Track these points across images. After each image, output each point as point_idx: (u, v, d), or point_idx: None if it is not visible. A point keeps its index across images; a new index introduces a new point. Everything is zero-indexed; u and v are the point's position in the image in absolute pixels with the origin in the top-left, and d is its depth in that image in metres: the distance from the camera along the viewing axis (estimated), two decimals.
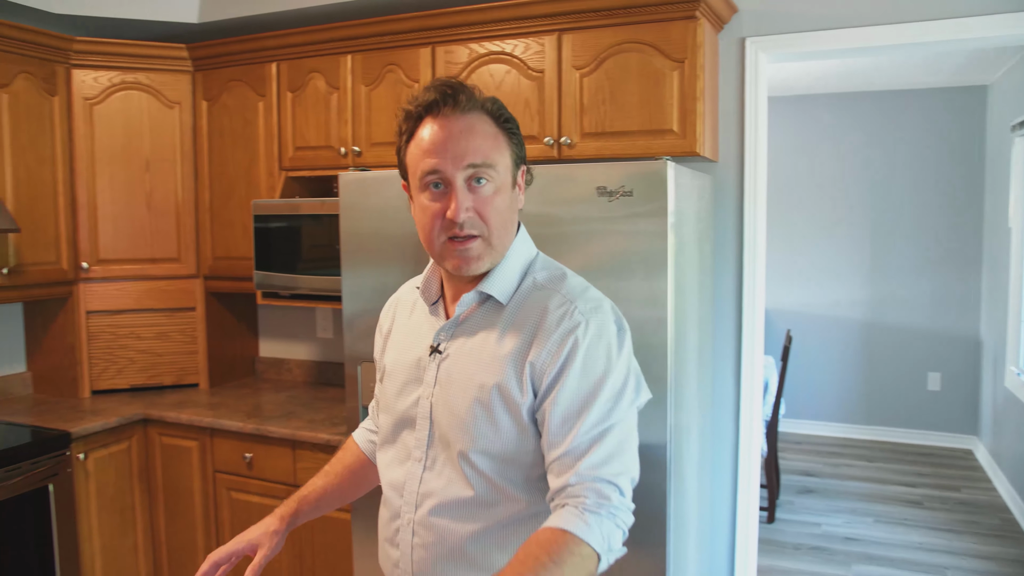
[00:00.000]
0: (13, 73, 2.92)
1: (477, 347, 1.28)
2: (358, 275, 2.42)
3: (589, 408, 1.20)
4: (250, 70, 3.13)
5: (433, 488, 1.28)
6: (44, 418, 2.92)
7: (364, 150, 2.91)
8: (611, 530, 1.16)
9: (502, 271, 1.30)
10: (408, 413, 1.33)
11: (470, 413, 1.25)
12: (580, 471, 1.17)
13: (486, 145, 1.24)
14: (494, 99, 1.28)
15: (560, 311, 1.25)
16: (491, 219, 1.25)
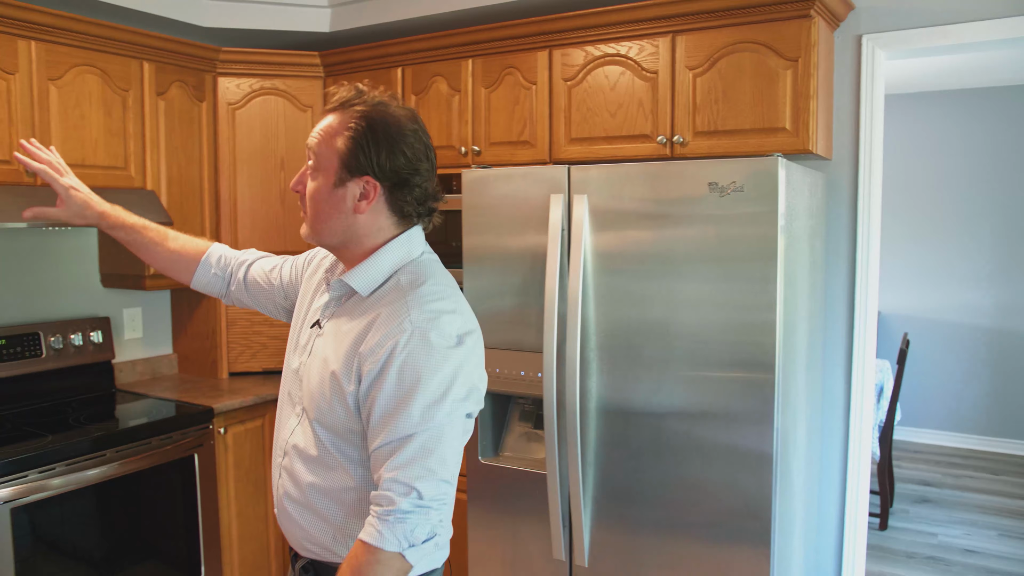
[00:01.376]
0: (169, 82, 3.22)
1: (337, 332, 1.44)
2: (479, 267, 2.56)
3: (399, 414, 1.31)
4: (377, 75, 3.34)
5: (297, 441, 1.48)
6: (189, 395, 3.20)
7: (483, 149, 3.06)
8: (407, 531, 1.28)
9: (366, 267, 1.44)
10: (296, 371, 1.53)
11: (319, 388, 1.43)
12: (382, 474, 1.31)
13: (320, 137, 1.41)
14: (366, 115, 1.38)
15: (395, 316, 1.35)
16: (307, 201, 1.44)
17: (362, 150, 1.37)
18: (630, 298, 2.31)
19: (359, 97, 1.40)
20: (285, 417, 1.54)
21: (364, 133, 1.37)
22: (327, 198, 1.40)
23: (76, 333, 3.17)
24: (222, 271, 1.80)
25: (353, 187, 1.39)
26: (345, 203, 1.40)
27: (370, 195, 1.40)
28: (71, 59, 2.87)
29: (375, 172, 1.38)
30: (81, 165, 2.90)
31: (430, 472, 1.30)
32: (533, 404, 2.58)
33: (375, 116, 1.38)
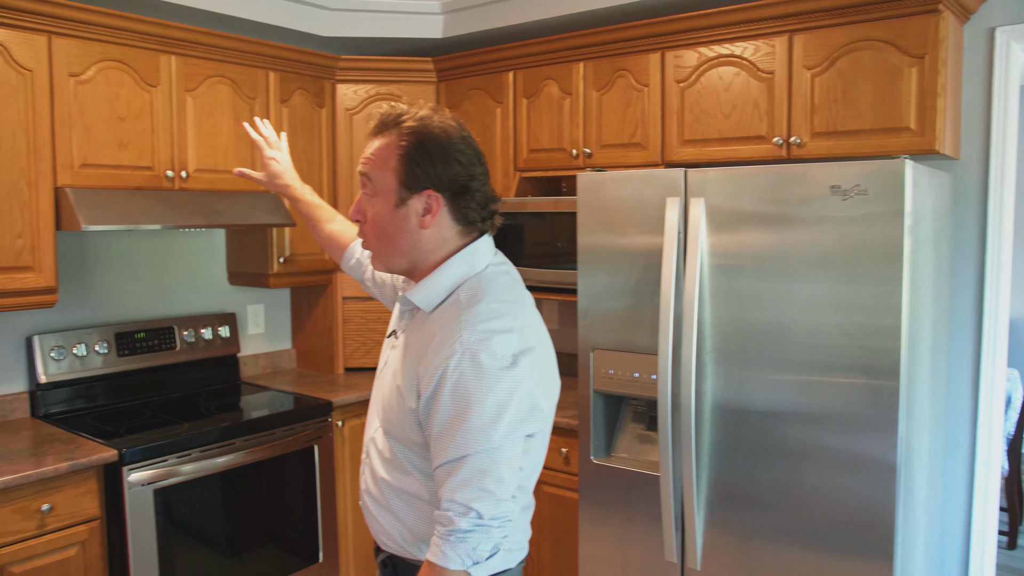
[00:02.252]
0: (292, 90, 3.38)
1: (407, 345, 1.47)
2: (592, 269, 2.58)
3: (453, 435, 1.31)
4: (489, 79, 3.40)
5: (377, 441, 1.54)
6: (308, 389, 3.35)
7: (595, 151, 3.08)
8: (469, 549, 1.29)
9: (429, 283, 1.45)
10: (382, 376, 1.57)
11: (388, 398, 1.48)
12: (443, 493, 1.33)
13: (372, 162, 1.43)
14: (415, 130, 1.40)
15: (448, 336, 1.35)
16: (370, 227, 1.45)
17: (418, 164, 1.38)
18: (746, 300, 2.29)
19: (402, 115, 1.42)
20: (371, 417, 1.59)
21: (416, 147, 1.39)
22: (391, 220, 1.42)
23: (206, 328, 3.37)
24: (364, 260, 1.92)
25: (415, 203, 1.40)
26: (409, 221, 1.41)
27: (433, 208, 1.41)
28: (205, 71, 3.05)
29: (434, 184, 1.39)
30: (213, 170, 3.08)
31: (488, 493, 1.30)
32: (646, 405, 2.59)
33: (423, 130, 1.40)
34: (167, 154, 2.94)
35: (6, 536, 2.28)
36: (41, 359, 2.89)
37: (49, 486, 2.36)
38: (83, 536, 2.45)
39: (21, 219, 2.58)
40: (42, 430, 2.75)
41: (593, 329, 2.58)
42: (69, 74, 2.68)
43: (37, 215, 2.61)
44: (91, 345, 3.01)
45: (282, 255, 3.35)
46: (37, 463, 2.37)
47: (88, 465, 2.43)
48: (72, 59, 2.68)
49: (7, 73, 2.53)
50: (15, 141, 2.55)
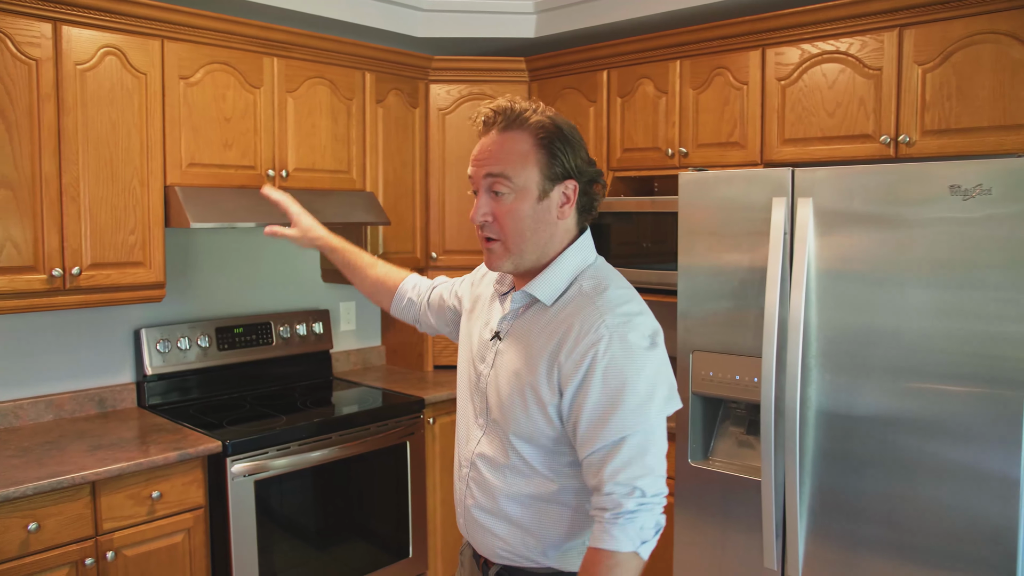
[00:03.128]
0: (387, 90, 3.43)
1: (523, 342, 1.45)
2: (693, 269, 2.54)
3: (610, 417, 1.33)
4: (582, 78, 3.39)
5: (485, 451, 1.50)
6: (398, 385, 3.39)
7: (691, 151, 3.03)
8: (637, 529, 1.30)
9: (549, 275, 1.45)
10: (476, 384, 1.54)
11: (510, 400, 1.44)
12: (603, 478, 1.33)
13: (508, 159, 1.40)
14: (545, 124, 1.41)
15: (589, 322, 1.36)
16: (507, 226, 1.41)
17: (558, 155, 1.41)
18: (856, 304, 2.22)
19: (525, 111, 1.42)
20: (468, 430, 1.56)
21: (555, 139, 1.41)
22: (533, 214, 1.42)
23: (301, 324, 3.44)
24: (416, 298, 1.89)
25: (556, 194, 1.42)
26: (550, 213, 1.43)
27: (571, 198, 1.44)
28: (305, 72, 3.12)
29: (573, 173, 1.43)
30: (311, 169, 3.15)
31: (649, 470, 1.33)
32: (746, 409, 2.53)
33: (554, 122, 1.42)
34: (268, 153, 3.02)
35: (120, 520, 2.38)
36: (148, 352, 3.00)
37: (159, 474, 2.45)
38: (188, 523, 2.53)
39: (134, 216, 2.68)
40: (148, 420, 2.85)
41: (693, 331, 2.54)
42: (179, 77, 2.77)
43: (148, 213, 2.71)
44: (193, 339, 3.11)
45: (376, 252, 3.40)
46: (147, 452, 2.46)
47: (195, 455, 2.51)
48: (183, 62, 2.77)
49: (123, 77, 2.63)
50: (130, 142, 2.65)
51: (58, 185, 2.51)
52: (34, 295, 2.49)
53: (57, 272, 2.51)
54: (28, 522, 2.20)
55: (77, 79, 2.53)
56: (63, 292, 2.55)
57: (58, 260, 2.52)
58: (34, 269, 2.48)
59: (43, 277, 2.50)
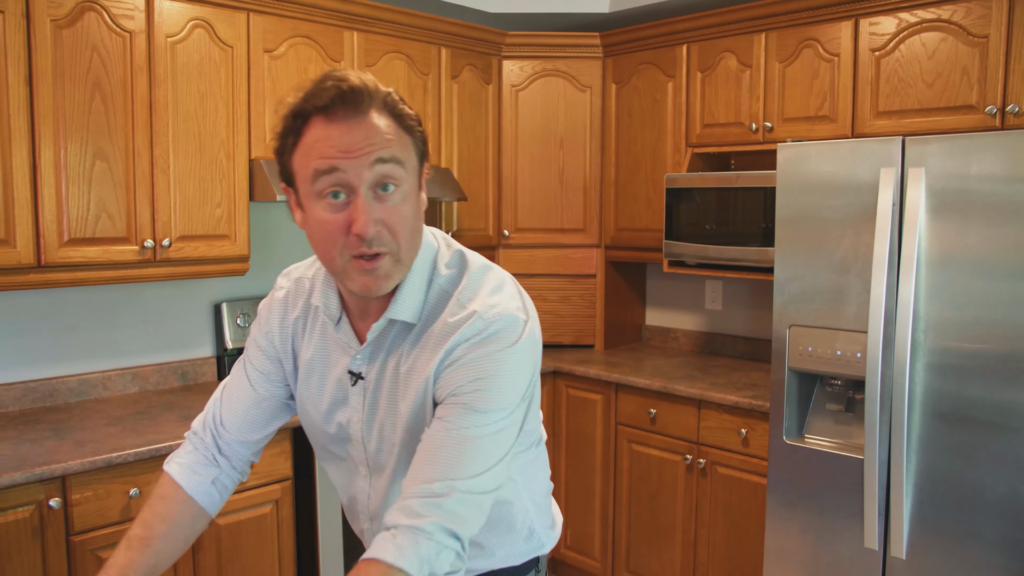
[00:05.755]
0: (461, 66, 3.40)
1: (394, 371, 1.18)
2: (792, 242, 2.47)
3: (454, 412, 1.09)
4: (660, 53, 3.33)
5: (383, 496, 1.25)
6: None
7: (776, 125, 2.96)
8: (434, 549, 1.02)
9: (407, 289, 1.15)
10: (342, 433, 1.26)
11: (396, 434, 1.19)
12: (416, 474, 1.07)
13: (393, 142, 1.07)
14: (390, 93, 1.10)
15: (453, 321, 1.13)
16: (401, 233, 1.09)
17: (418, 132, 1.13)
18: (969, 283, 2.14)
19: (368, 83, 1.08)
20: (352, 482, 1.31)
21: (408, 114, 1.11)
22: (417, 212, 1.13)
23: None
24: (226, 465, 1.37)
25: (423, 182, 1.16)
26: (422, 205, 1.16)
27: (424, 185, 1.16)
28: (383, 47, 3.11)
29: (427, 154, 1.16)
30: None
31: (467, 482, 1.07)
32: (844, 385, 2.47)
33: (393, 94, 1.11)
34: None
35: None
36: (228, 326, 3.02)
37: None
38: (277, 495, 2.55)
39: (220, 190, 2.69)
40: None
41: (790, 305, 2.48)
42: (264, 50, 2.77)
43: (234, 186, 2.72)
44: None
45: (450, 229, 3.39)
46: None
47: (283, 427, 2.51)
48: (267, 35, 2.77)
49: (211, 49, 2.63)
50: (217, 115, 2.66)
51: (149, 157, 2.53)
52: (126, 266, 2.51)
53: (148, 243, 2.53)
54: (129, 488, 2.22)
55: (168, 51, 2.54)
56: (153, 264, 2.57)
57: (149, 232, 2.54)
58: (127, 240, 2.50)
59: (135, 248, 2.51)
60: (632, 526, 3.18)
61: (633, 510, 3.17)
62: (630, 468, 3.16)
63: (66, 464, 2.10)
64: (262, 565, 2.53)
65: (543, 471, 1.37)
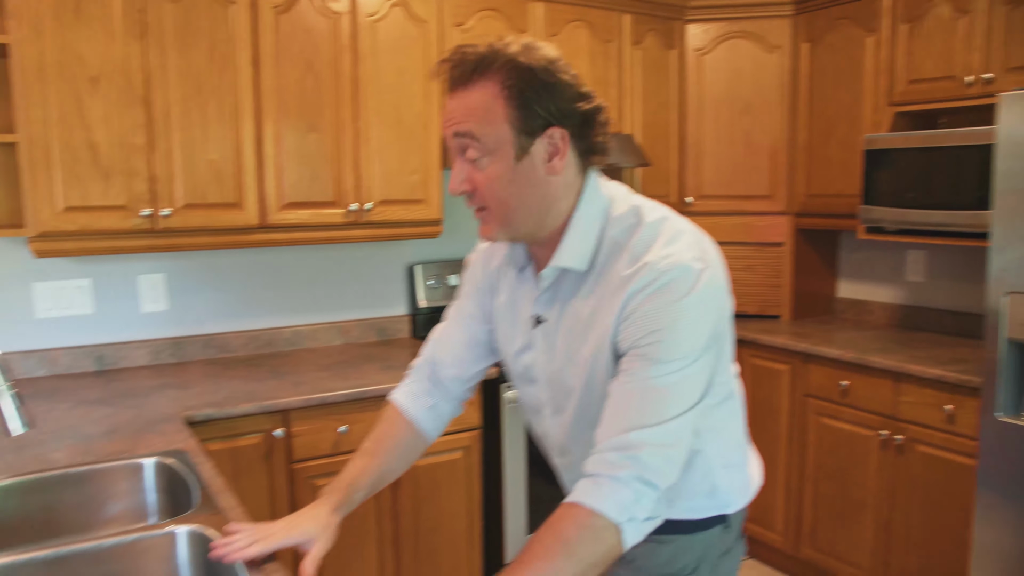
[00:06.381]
0: (643, 32, 3.40)
1: (571, 318, 1.27)
2: (1013, 204, 2.29)
3: (657, 360, 1.14)
4: (858, 7, 3.16)
5: (566, 433, 1.35)
6: None
7: (998, 76, 2.72)
8: (632, 496, 1.10)
9: (570, 240, 1.24)
10: (527, 374, 1.38)
11: (574, 379, 1.28)
12: (608, 426, 1.15)
13: (472, 116, 1.17)
14: (514, 66, 1.15)
15: (627, 273, 1.18)
16: (487, 194, 1.21)
17: (533, 102, 1.17)
18: None
19: (486, 56, 1.17)
20: (543, 421, 1.41)
21: (525, 83, 1.16)
22: (513, 177, 1.20)
23: None
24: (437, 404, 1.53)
25: (538, 149, 1.19)
26: (536, 171, 1.20)
27: (560, 148, 1.20)
28: (566, 16, 3.18)
29: (557, 118, 1.19)
30: None
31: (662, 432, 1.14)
32: None
33: (524, 62, 1.17)
34: None
35: None
36: (421, 286, 3.23)
37: None
38: (466, 442, 2.72)
39: (416, 157, 2.88)
40: None
41: (1009, 271, 2.30)
42: (454, 24, 2.92)
43: (428, 154, 2.90)
44: (460, 276, 3.30)
45: None
46: None
47: None
48: (457, 10, 2.91)
49: (407, 26, 2.81)
50: (413, 88, 2.84)
51: (354, 129, 2.75)
52: (333, 228, 2.76)
53: (353, 207, 2.76)
54: (339, 425, 2.47)
55: (369, 30, 2.74)
56: (357, 226, 2.80)
57: (354, 196, 2.77)
58: (334, 204, 2.75)
59: (341, 211, 2.76)
60: (818, 502, 3.09)
61: (820, 485, 3.07)
62: (818, 441, 3.06)
63: (288, 400, 2.37)
64: (453, 506, 2.72)
65: (734, 428, 1.38)
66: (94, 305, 2.76)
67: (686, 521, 1.35)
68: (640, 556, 1.32)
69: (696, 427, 1.20)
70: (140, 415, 2.21)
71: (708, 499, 1.35)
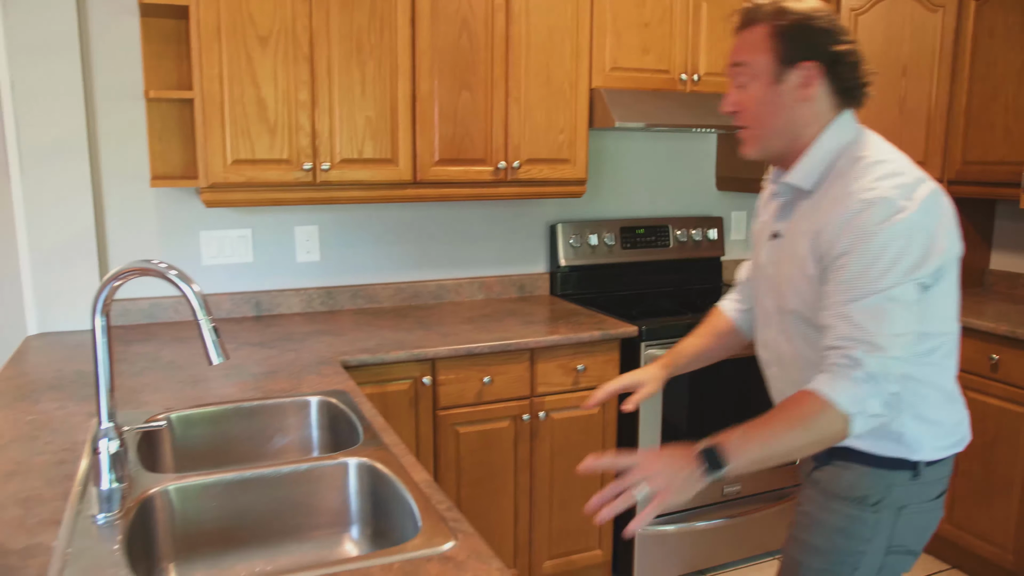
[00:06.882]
0: None
1: (794, 234, 1.49)
2: None
3: (859, 280, 1.32)
4: None
5: (779, 344, 1.57)
6: None
7: None
8: (864, 393, 1.29)
9: (805, 162, 1.48)
10: (762, 286, 1.62)
11: (791, 293, 1.49)
12: (841, 334, 1.32)
13: (742, 50, 1.48)
14: (782, 11, 1.43)
15: (849, 196, 1.37)
16: (747, 112, 1.49)
17: (792, 38, 1.43)
18: None
19: (764, 8, 1.46)
20: (766, 332, 1.63)
21: (788, 23, 1.43)
22: (767, 98, 1.46)
23: (696, 229, 3.53)
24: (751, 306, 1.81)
25: (793, 77, 1.44)
26: (786, 96, 1.45)
27: (810, 80, 1.44)
28: None
29: (810, 54, 1.43)
30: (721, 74, 3.17)
31: (890, 337, 1.30)
32: None
33: (785, 9, 1.43)
34: (682, 58, 3.08)
35: (550, 386, 2.68)
36: (562, 245, 3.28)
37: (583, 350, 2.70)
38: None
39: (563, 117, 2.91)
40: (563, 305, 3.14)
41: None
42: None
43: (575, 113, 2.93)
44: (601, 236, 3.34)
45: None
46: (574, 329, 2.71)
47: (614, 336, 2.72)
48: None
49: None
50: (563, 46, 2.87)
51: (504, 88, 2.81)
52: (482, 185, 2.84)
53: (501, 165, 2.83)
54: (484, 375, 2.56)
55: None
56: (504, 183, 2.87)
57: (502, 154, 2.84)
58: (483, 162, 2.82)
59: (490, 169, 2.83)
60: (959, 477, 2.99)
61: (961, 461, 2.98)
62: None
63: (436, 349, 2.48)
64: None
65: (937, 382, 1.49)
66: (253, 254, 2.95)
67: (869, 454, 1.49)
68: (824, 479, 1.53)
69: (907, 358, 1.34)
70: (299, 357, 2.36)
71: (894, 442, 1.47)
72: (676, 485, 1.29)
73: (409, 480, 1.48)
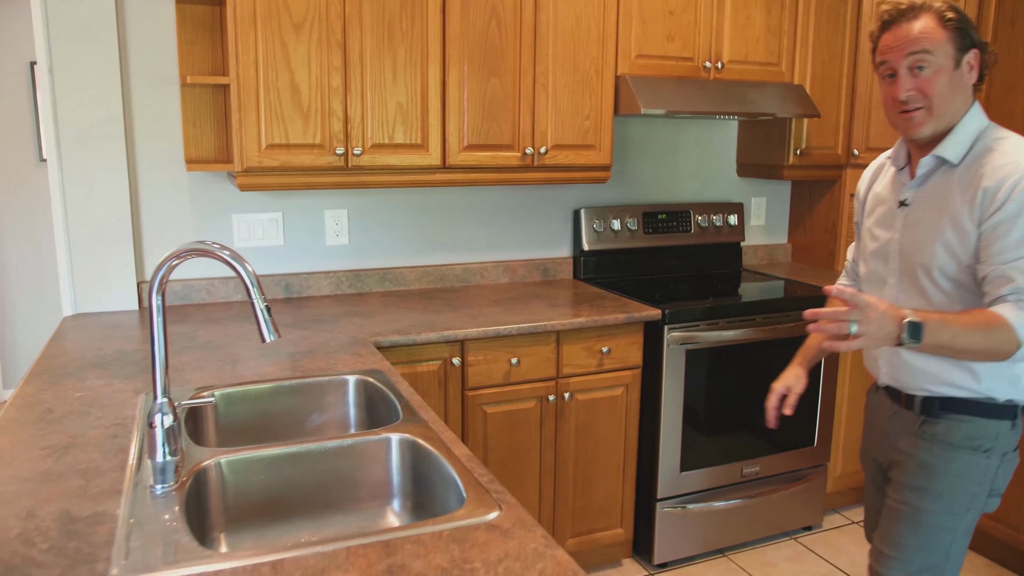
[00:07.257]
0: None
1: (930, 202, 1.73)
2: None
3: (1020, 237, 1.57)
4: None
5: (903, 303, 1.77)
6: (811, 281, 3.39)
7: None
8: None
9: (954, 138, 1.70)
10: (883, 249, 1.84)
11: (924, 255, 1.73)
12: (1018, 281, 1.56)
13: (924, 39, 1.65)
14: (943, 7, 1.66)
15: (1000, 166, 1.62)
16: (931, 93, 1.67)
17: (963, 29, 1.67)
18: None
19: (922, 2, 1.67)
20: (884, 292, 1.83)
21: (957, 17, 1.67)
22: (950, 81, 1.68)
23: (717, 215, 3.57)
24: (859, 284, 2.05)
25: (964, 64, 1.69)
26: (963, 78, 1.69)
27: (975, 65, 1.70)
28: None
29: (973, 42, 1.69)
30: (744, 61, 3.19)
31: None
32: None
33: (947, 5, 1.67)
34: (706, 45, 3.12)
35: (575, 367, 2.74)
36: (585, 230, 3.34)
37: (608, 332, 2.76)
38: (627, 380, 2.83)
39: (589, 103, 2.96)
40: (586, 289, 3.19)
41: None
42: None
43: (601, 100, 2.97)
44: (623, 221, 3.39)
45: (798, 147, 3.39)
46: (598, 312, 2.77)
47: (639, 319, 2.78)
48: None
49: None
50: (589, 34, 2.91)
51: (532, 74, 2.85)
52: (509, 170, 2.89)
53: (529, 150, 2.88)
54: (512, 356, 2.63)
55: None
56: (531, 169, 2.92)
57: (529, 140, 2.89)
58: (511, 147, 2.87)
59: (517, 155, 2.88)
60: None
61: None
62: None
63: (466, 331, 2.54)
64: (610, 439, 2.85)
65: None
66: (283, 237, 3.01)
67: (983, 404, 1.72)
68: (942, 432, 1.75)
69: None
70: (333, 338, 2.42)
71: (1010, 385, 1.71)
72: (877, 337, 1.50)
73: (451, 455, 1.55)
